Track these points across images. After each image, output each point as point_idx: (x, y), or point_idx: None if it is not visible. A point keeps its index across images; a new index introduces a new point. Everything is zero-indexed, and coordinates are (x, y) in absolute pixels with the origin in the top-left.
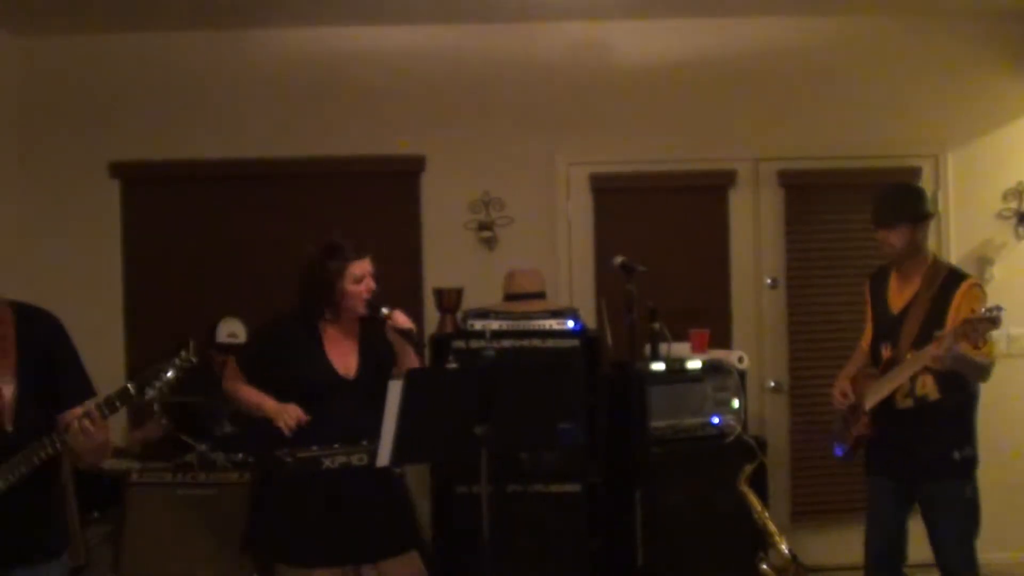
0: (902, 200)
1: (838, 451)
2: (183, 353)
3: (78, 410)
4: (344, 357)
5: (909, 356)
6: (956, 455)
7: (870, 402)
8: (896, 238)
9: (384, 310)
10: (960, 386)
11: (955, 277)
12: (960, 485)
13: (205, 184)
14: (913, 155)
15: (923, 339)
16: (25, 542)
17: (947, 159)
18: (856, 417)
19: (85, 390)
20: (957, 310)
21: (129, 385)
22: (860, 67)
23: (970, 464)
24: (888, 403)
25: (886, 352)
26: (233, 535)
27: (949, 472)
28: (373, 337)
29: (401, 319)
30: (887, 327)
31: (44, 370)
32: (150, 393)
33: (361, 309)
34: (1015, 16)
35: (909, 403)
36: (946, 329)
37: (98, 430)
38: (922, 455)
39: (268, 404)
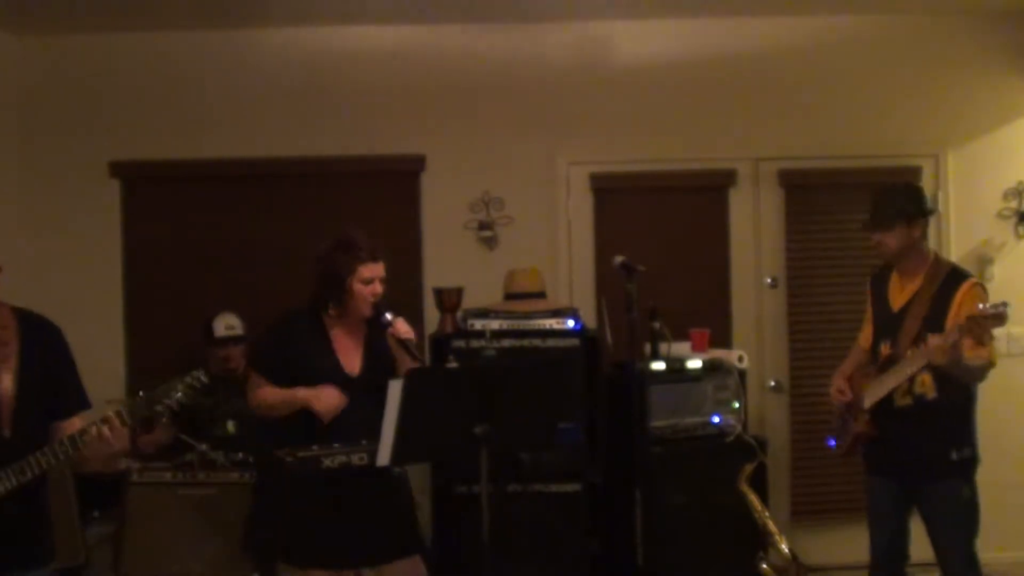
0: (894, 200)
1: (831, 441)
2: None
3: (76, 420)
4: (349, 356)
5: (909, 353)
6: (954, 455)
7: (869, 400)
8: (892, 239)
9: (387, 316)
10: (957, 385)
11: (956, 276)
12: (957, 486)
13: (205, 184)
14: (913, 155)
15: (923, 337)
16: (9, 552)
17: (947, 159)
18: (855, 415)
19: (81, 401)
20: (959, 308)
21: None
22: (860, 67)
23: (969, 465)
24: (887, 401)
25: (885, 350)
26: (233, 535)
27: (947, 472)
28: (377, 341)
29: (402, 328)
30: (887, 325)
31: (43, 378)
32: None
33: (366, 311)
34: (1015, 16)
35: (908, 401)
36: (948, 326)
37: (116, 438)
38: (920, 454)
39: (299, 393)
